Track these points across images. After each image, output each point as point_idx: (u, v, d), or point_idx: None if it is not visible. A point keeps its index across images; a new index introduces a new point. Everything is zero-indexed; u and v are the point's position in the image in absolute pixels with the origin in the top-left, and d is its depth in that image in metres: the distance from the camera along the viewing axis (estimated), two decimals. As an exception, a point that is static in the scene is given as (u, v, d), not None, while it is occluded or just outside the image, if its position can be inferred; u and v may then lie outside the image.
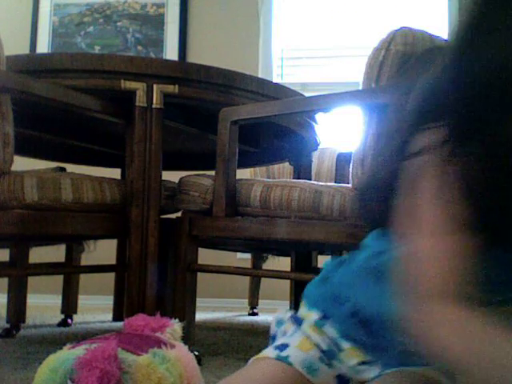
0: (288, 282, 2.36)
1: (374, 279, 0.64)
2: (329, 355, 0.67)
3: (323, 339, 0.68)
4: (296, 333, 0.71)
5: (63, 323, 2.21)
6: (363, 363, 0.66)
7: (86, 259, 2.17)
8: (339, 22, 3.34)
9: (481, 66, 0.51)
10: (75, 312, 2.27)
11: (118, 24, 3.51)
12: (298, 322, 0.72)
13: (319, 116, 1.95)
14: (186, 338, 1.01)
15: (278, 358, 0.67)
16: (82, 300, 2.35)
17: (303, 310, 0.73)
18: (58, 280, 2.26)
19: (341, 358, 0.67)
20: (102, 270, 2.08)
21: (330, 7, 3.38)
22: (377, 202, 0.64)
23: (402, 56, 1.37)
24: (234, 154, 1.58)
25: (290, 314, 0.75)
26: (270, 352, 0.70)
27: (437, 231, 0.52)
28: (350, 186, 1.47)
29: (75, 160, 2.34)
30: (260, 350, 0.73)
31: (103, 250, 2.14)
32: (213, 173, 1.60)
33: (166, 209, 1.72)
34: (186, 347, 0.92)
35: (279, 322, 0.76)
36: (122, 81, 1.60)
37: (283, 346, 0.69)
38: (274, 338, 0.77)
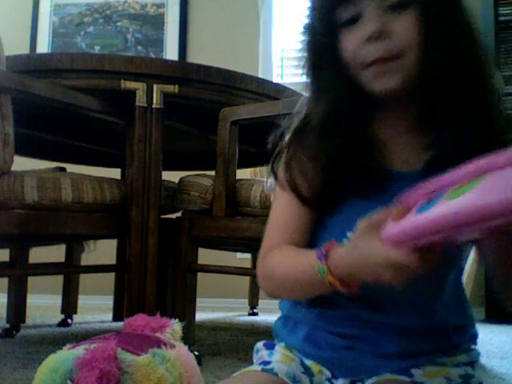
0: (288, 281, 2.36)
1: None
2: (305, 369, 0.74)
3: (296, 356, 0.76)
4: (273, 354, 0.77)
5: (63, 323, 2.21)
6: (330, 380, 0.73)
7: (86, 259, 2.17)
8: (339, 21, 3.34)
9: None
10: (75, 312, 2.27)
11: (118, 24, 3.51)
12: (271, 347, 0.79)
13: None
14: (186, 338, 1.01)
15: (264, 370, 0.72)
16: (82, 300, 2.35)
17: (275, 341, 0.82)
18: (58, 280, 2.26)
19: (313, 372, 0.74)
20: (102, 270, 2.08)
21: (330, 7, 3.38)
22: None
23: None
24: (233, 154, 1.58)
25: (263, 342, 0.82)
26: (254, 367, 0.74)
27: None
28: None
29: (75, 160, 2.34)
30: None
31: (103, 250, 2.14)
32: (213, 173, 1.60)
33: (166, 209, 1.72)
34: (186, 347, 0.91)
35: (257, 351, 0.82)
36: (122, 81, 1.60)
37: (266, 363, 0.75)
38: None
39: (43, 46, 3.50)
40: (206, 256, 1.83)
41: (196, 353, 1.38)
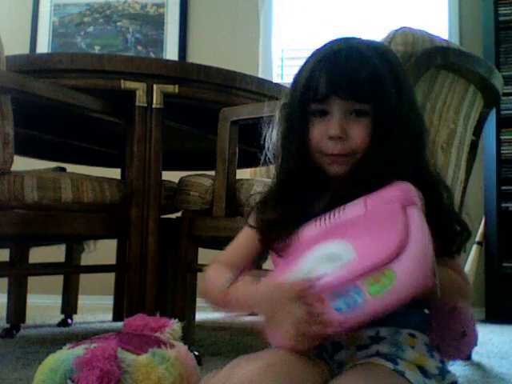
0: (288, 281, 2.36)
1: None
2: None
3: None
4: None
5: (63, 323, 2.21)
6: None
7: (86, 259, 2.17)
8: (339, 21, 3.34)
9: None
10: (75, 312, 2.27)
11: (118, 24, 3.51)
12: None
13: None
14: (186, 338, 1.01)
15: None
16: (82, 300, 2.35)
17: None
18: (58, 280, 2.26)
19: None
20: (102, 269, 2.08)
21: (330, 7, 3.38)
22: None
23: (402, 56, 1.37)
24: (234, 154, 1.58)
25: None
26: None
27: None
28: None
29: (75, 160, 2.34)
30: (260, 350, 0.73)
31: (103, 250, 2.14)
32: (213, 173, 1.60)
33: (166, 209, 1.72)
34: (186, 347, 0.92)
35: None
36: (122, 81, 1.60)
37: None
38: None
39: (43, 46, 3.50)
40: (206, 256, 1.82)
41: (196, 353, 1.38)
